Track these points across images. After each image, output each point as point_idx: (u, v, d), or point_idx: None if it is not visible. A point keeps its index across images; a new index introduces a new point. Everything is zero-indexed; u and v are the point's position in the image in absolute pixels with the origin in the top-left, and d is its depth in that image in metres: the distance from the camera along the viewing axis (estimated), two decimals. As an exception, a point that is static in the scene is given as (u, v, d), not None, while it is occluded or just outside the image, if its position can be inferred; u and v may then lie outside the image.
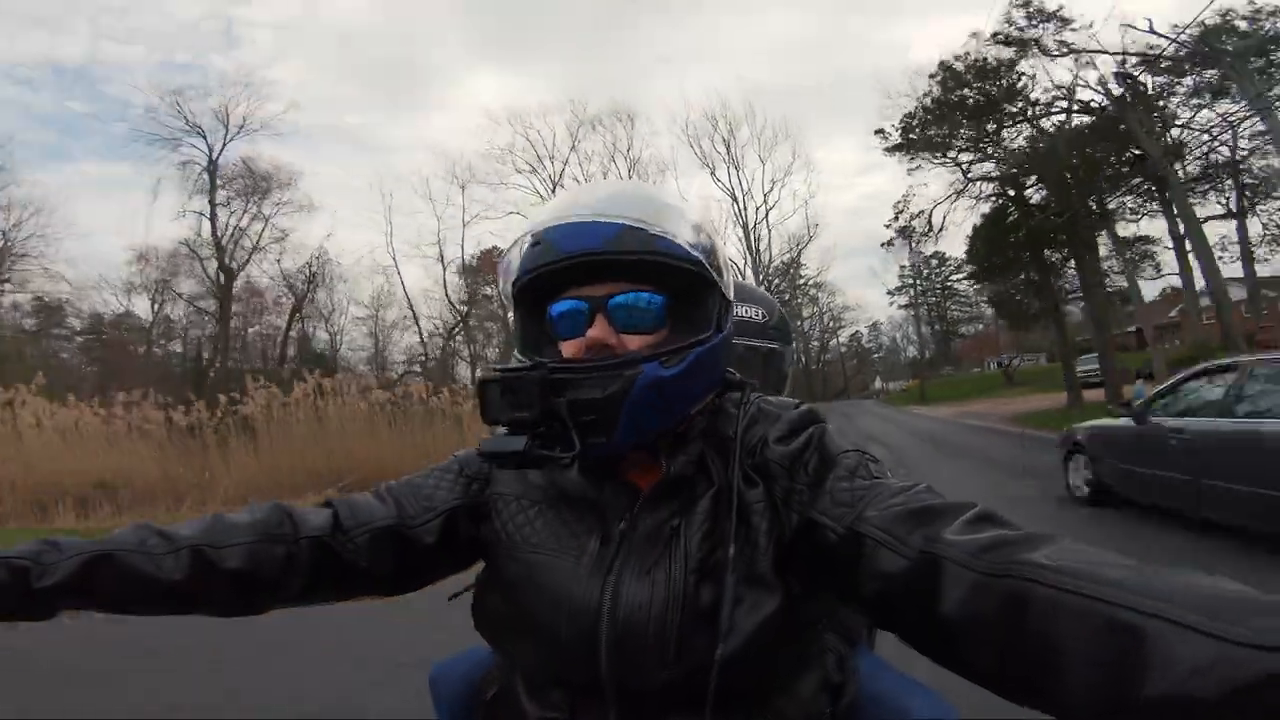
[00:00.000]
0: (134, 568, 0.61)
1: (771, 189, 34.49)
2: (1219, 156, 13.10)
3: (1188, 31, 11.58)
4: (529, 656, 0.67)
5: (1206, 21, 11.04)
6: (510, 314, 0.69)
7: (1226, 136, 11.26)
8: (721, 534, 0.61)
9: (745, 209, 34.53)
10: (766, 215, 34.95)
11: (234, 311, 28.32)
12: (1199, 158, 13.78)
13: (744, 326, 1.17)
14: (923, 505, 0.54)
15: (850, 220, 68.38)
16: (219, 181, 26.89)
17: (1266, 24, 11.10)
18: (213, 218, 26.89)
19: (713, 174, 36.87)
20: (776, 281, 35.76)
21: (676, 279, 0.64)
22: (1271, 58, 11.10)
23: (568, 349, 0.65)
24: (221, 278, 27.08)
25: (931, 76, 15.70)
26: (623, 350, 0.63)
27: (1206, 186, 14.13)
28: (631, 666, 0.60)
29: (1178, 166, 13.46)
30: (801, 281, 38.02)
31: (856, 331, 53.20)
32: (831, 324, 49.24)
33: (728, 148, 33.78)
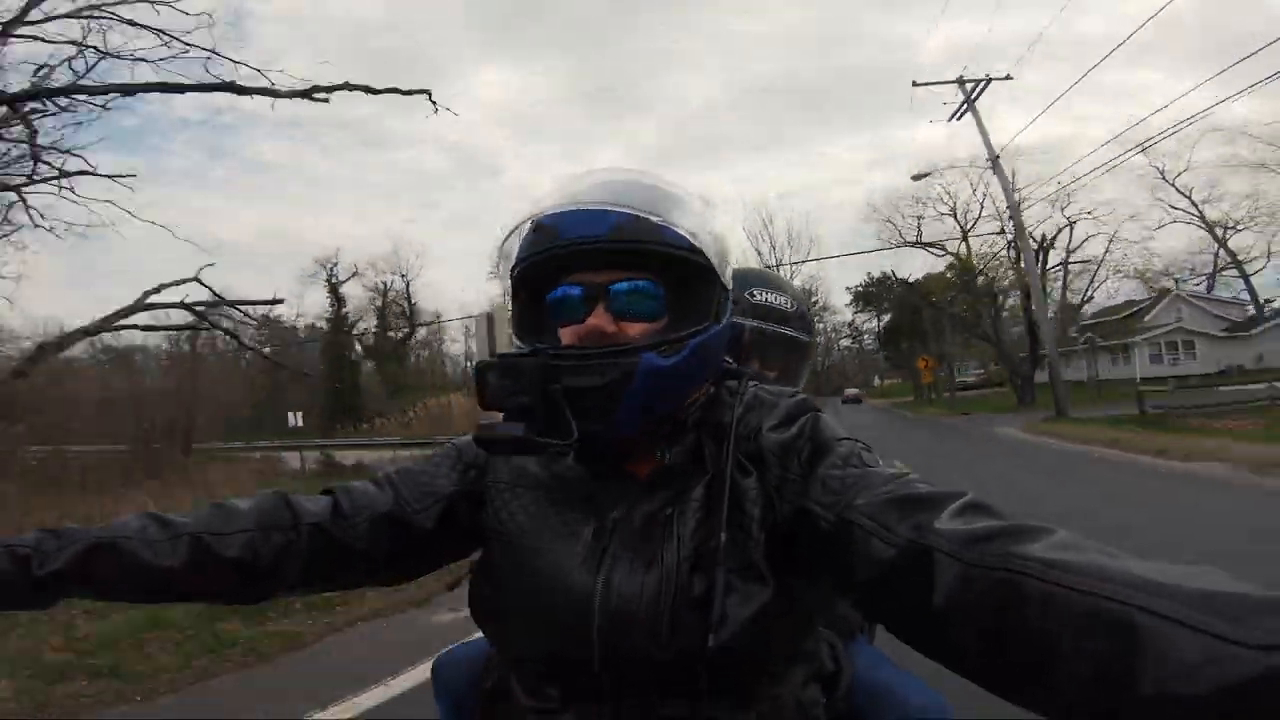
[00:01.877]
0: (133, 555, 0.61)
1: (797, 264, 58.89)
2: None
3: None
4: (523, 645, 0.66)
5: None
6: (509, 300, 0.69)
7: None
8: (715, 522, 0.60)
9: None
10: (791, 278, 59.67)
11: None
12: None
13: (771, 312, 1.21)
14: (912, 494, 0.53)
15: (859, 215, 68.41)
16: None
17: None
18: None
19: (759, 254, 60.97)
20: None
21: (677, 268, 0.63)
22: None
23: (566, 335, 0.64)
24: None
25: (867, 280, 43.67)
26: (621, 338, 0.62)
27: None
28: (624, 656, 0.60)
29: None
30: (813, 304, 60.88)
31: (859, 334, 59.65)
32: (834, 335, 61.95)
33: (769, 230, 58.38)
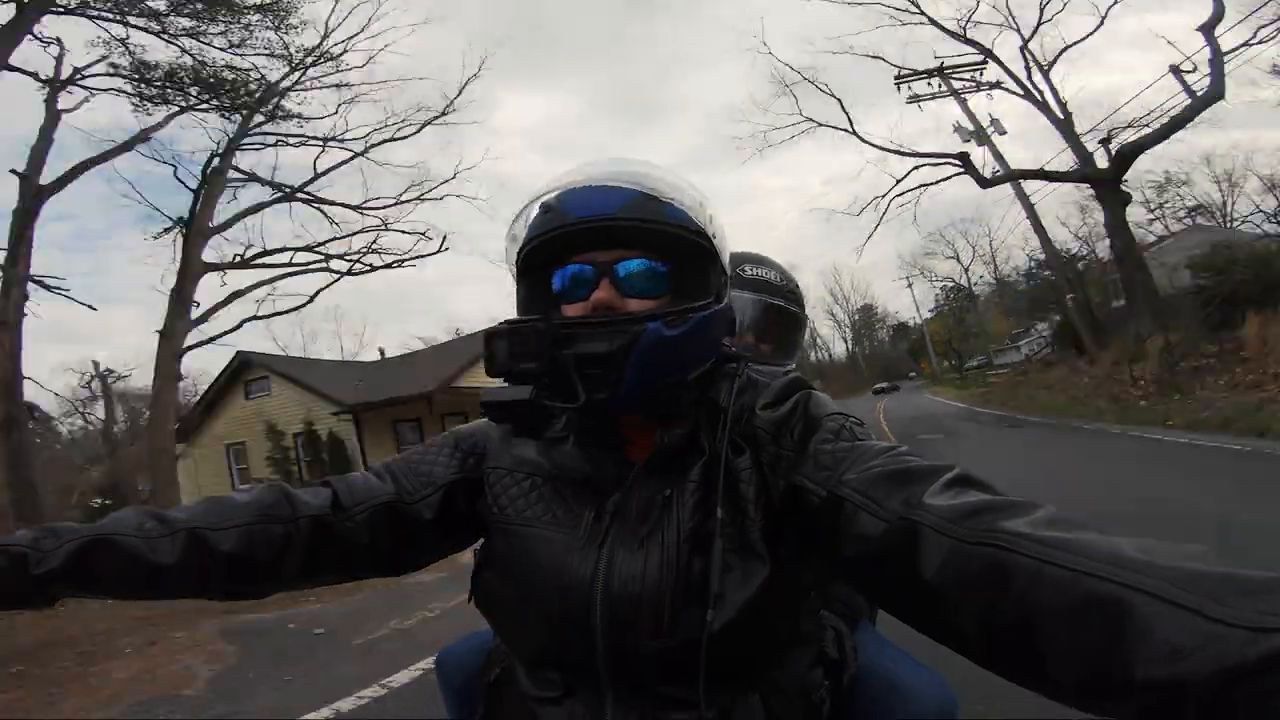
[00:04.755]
0: (130, 552, 0.60)
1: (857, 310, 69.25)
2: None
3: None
4: (525, 632, 0.66)
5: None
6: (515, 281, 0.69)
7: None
8: (711, 503, 0.61)
9: (848, 301, 69.07)
10: (845, 301, 71.38)
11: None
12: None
13: (762, 285, 1.25)
14: (901, 468, 0.53)
15: (896, 262, 69.34)
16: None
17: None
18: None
19: (830, 291, 68.12)
20: (857, 317, 69.35)
21: (680, 249, 0.64)
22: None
23: (572, 311, 0.65)
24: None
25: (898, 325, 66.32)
26: (628, 311, 0.63)
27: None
28: (626, 638, 0.60)
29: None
30: (874, 317, 69.37)
31: (919, 325, 60.49)
32: (890, 334, 70.71)
33: (840, 286, 68.94)
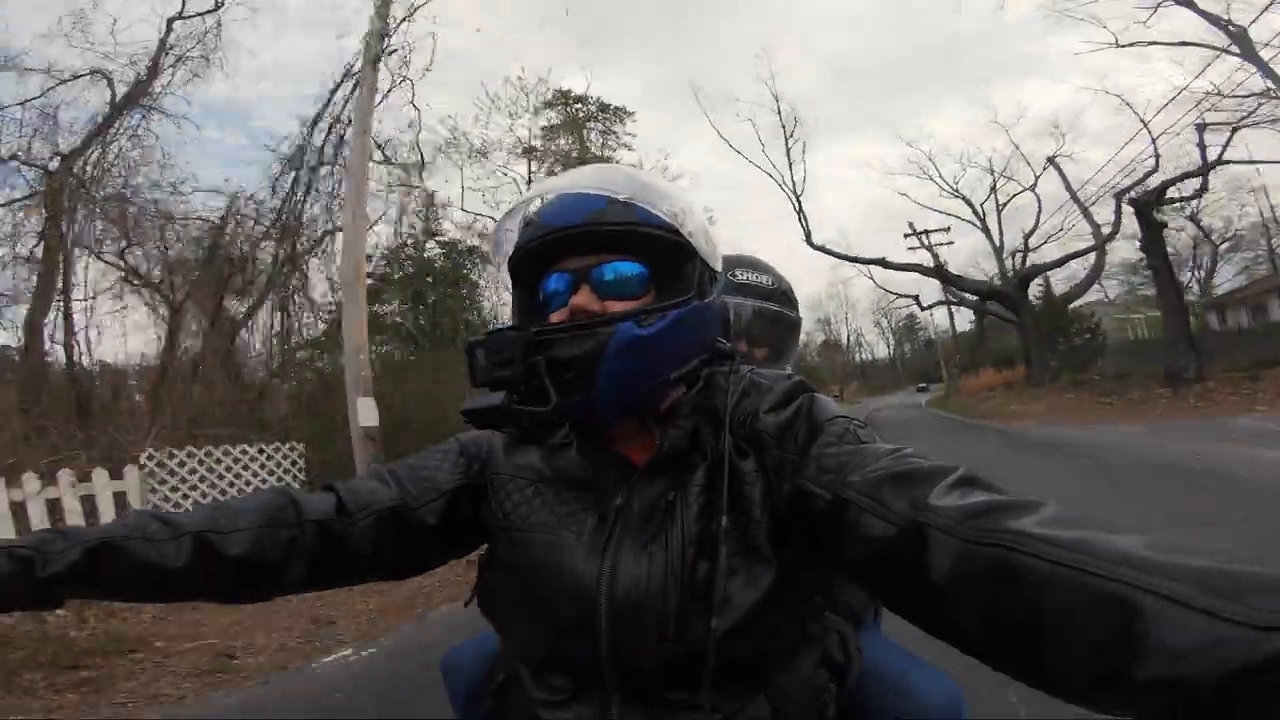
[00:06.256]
0: (137, 555, 0.61)
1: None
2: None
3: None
4: (530, 636, 0.67)
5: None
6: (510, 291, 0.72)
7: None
8: (716, 506, 0.61)
9: (889, 316, 66.20)
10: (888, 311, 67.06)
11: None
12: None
13: (751, 290, 1.25)
14: (906, 469, 0.53)
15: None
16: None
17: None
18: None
19: (876, 318, 67.32)
20: (900, 325, 68.28)
21: (660, 250, 0.65)
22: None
23: (556, 318, 0.66)
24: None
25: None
26: (605, 314, 0.63)
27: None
28: (631, 643, 0.60)
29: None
30: (916, 324, 66.78)
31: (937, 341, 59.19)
32: (927, 343, 67.29)
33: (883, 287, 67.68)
